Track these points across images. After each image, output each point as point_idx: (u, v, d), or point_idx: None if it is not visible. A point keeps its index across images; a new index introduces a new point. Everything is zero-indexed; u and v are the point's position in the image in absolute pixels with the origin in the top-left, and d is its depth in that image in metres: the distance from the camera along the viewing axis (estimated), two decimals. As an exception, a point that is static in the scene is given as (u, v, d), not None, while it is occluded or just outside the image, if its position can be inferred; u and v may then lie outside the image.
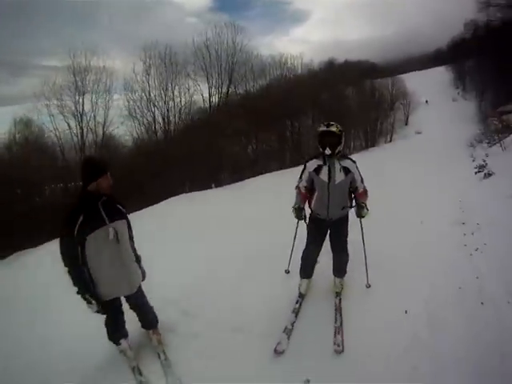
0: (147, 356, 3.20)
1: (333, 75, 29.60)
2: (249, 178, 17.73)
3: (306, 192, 3.60)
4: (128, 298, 3.04)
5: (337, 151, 3.31)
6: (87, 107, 21.47)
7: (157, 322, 3.33)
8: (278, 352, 3.18)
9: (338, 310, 3.55)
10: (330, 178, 3.35)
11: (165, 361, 3.13)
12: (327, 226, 3.57)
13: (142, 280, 3.09)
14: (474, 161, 12.12)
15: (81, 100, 21.25)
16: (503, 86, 22.45)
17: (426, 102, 39.35)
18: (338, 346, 3.12)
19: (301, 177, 3.59)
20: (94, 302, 2.73)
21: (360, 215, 3.57)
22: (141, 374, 3.03)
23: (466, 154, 15.26)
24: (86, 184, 2.70)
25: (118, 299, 2.96)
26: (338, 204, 3.46)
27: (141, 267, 3.08)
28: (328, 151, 3.27)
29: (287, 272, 4.24)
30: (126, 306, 3.11)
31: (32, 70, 33.30)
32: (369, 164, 7.43)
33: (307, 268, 3.82)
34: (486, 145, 15.37)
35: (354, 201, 3.58)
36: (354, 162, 3.47)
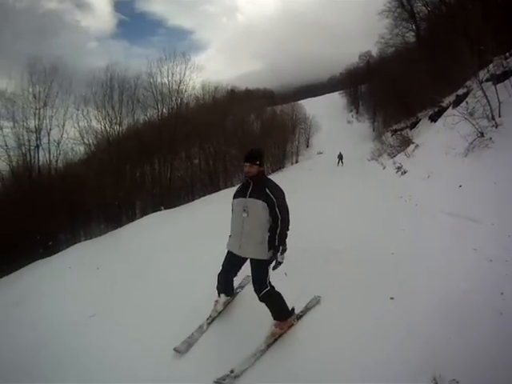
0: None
1: (235, 102, 30.92)
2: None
3: None
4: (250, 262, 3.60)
5: None
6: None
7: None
8: None
9: None
10: None
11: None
12: None
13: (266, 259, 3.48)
14: (384, 168, 15.51)
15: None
16: (392, 108, 25.87)
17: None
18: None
19: None
20: None
21: None
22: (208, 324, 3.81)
23: (374, 164, 18.13)
24: None
25: (234, 255, 3.62)
26: None
27: (273, 252, 3.48)
28: None
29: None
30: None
31: None
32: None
33: None
34: (388, 156, 17.82)
35: None
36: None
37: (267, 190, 3.41)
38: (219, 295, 3.95)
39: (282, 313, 3.58)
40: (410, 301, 3.72)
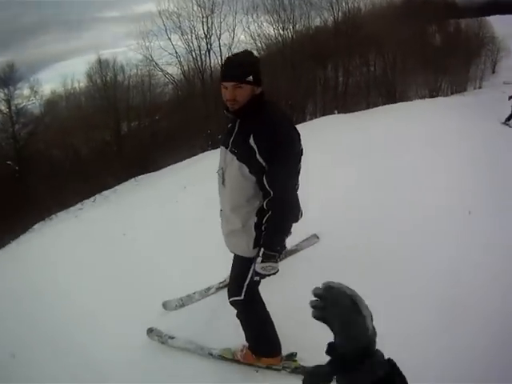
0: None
1: (413, 11, 27.11)
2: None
3: None
4: None
5: None
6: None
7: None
8: None
9: None
10: None
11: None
12: None
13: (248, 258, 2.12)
14: None
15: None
16: None
17: None
18: None
19: None
20: None
21: None
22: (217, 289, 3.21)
23: None
24: None
25: None
26: None
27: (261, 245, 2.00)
28: None
29: None
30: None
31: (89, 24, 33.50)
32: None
33: None
34: None
35: None
36: None
37: (251, 140, 1.83)
38: None
39: (253, 344, 2.35)
40: None
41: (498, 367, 2.34)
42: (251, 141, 1.83)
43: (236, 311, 2.29)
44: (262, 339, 2.33)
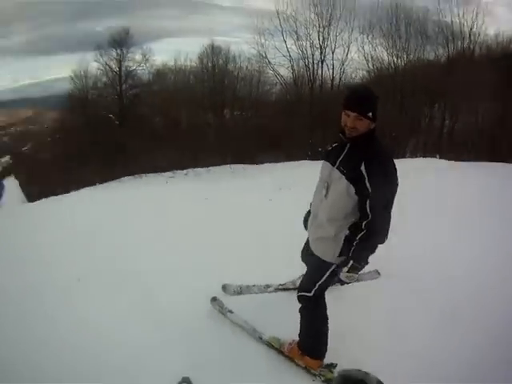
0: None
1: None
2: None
3: None
4: None
5: None
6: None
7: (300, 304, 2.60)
8: None
9: None
10: None
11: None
12: None
13: (329, 263, 2.42)
14: None
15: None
16: None
17: None
18: None
19: None
20: None
21: None
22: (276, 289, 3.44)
23: None
24: None
25: None
26: None
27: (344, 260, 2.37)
28: None
29: None
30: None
31: (203, 8, 34.90)
32: None
33: None
34: None
35: None
36: None
37: (363, 167, 2.15)
38: None
39: (304, 341, 2.56)
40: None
41: (503, 367, 2.50)
42: (362, 168, 2.13)
43: (300, 306, 2.53)
44: (313, 339, 2.51)
